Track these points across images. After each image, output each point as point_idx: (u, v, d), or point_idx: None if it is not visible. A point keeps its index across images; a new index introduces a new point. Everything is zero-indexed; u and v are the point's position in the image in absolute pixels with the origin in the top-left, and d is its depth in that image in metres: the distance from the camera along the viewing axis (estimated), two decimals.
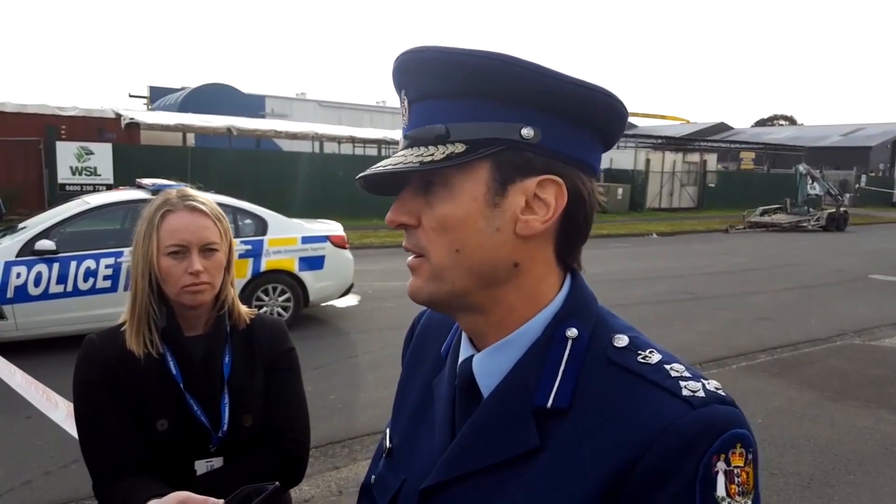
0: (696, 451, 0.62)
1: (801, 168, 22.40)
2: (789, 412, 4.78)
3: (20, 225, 6.44)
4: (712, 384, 0.67)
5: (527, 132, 0.69)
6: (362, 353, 6.29)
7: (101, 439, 1.37)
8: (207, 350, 1.45)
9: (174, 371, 1.41)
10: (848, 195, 28.13)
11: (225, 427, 1.42)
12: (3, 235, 6.18)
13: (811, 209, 21.59)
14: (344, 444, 4.27)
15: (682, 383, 0.66)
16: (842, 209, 21.95)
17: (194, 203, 1.44)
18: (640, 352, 0.70)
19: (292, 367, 1.57)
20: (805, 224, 20.98)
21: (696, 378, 0.67)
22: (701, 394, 0.65)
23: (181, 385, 1.41)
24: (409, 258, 0.76)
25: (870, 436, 4.41)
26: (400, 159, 0.72)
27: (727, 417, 0.64)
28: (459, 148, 0.69)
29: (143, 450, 1.37)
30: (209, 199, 1.49)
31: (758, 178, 32.17)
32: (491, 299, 0.73)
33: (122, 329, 1.44)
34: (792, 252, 15.23)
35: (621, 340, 0.72)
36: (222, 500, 1.14)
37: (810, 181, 21.83)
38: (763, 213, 21.85)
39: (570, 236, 0.75)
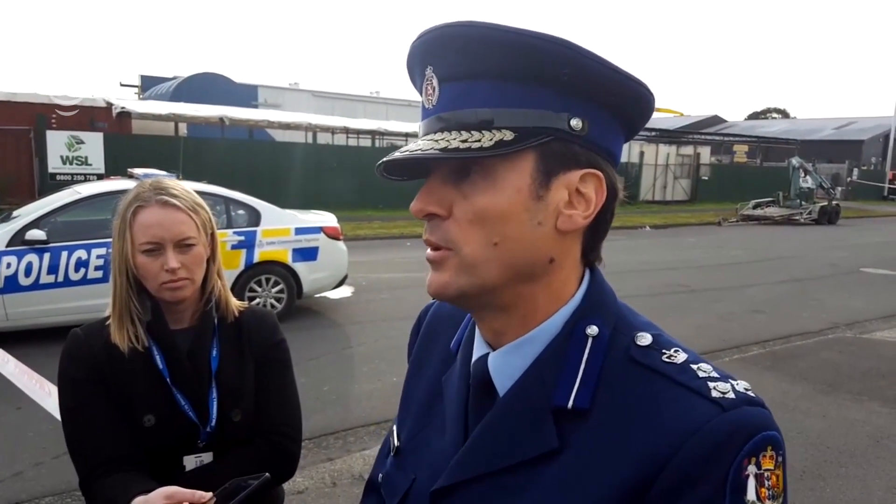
0: (726, 455, 0.60)
1: (794, 161, 22.47)
2: (782, 405, 4.79)
3: (14, 213, 6.39)
4: (741, 385, 0.65)
5: (576, 123, 0.67)
6: (356, 345, 6.27)
7: (88, 436, 1.34)
8: (194, 343, 1.42)
9: (160, 365, 1.38)
10: (840, 189, 28.27)
11: (213, 422, 1.40)
12: None
13: (803, 202, 21.67)
14: (338, 435, 4.26)
15: (711, 384, 0.64)
16: (834, 203, 22.07)
17: (166, 197, 1.38)
18: (664, 350, 0.68)
19: (283, 359, 1.54)
20: (797, 217, 21.05)
21: (724, 378, 0.65)
22: (731, 395, 0.63)
23: (168, 379, 1.38)
24: (429, 252, 0.71)
25: (861, 428, 4.44)
26: (441, 143, 0.66)
27: (758, 419, 0.62)
28: (508, 136, 0.65)
29: (131, 446, 1.34)
30: (185, 190, 1.43)
31: (751, 171, 32.27)
32: (519, 296, 0.70)
33: (108, 323, 1.40)
34: (784, 245, 15.28)
35: (644, 339, 0.69)
36: (210, 494, 1.13)
37: (803, 174, 21.90)
38: (756, 207, 21.91)
39: (598, 232, 0.73)
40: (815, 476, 3.72)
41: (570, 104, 0.66)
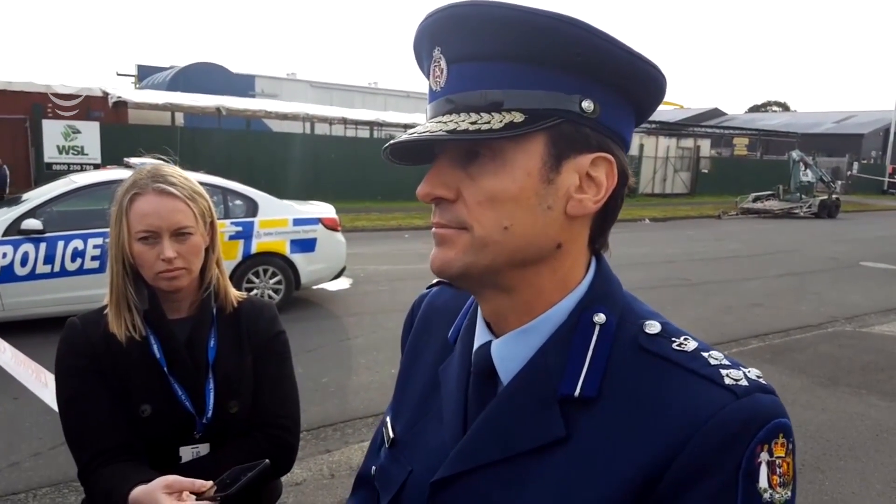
0: (740, 443, 0.59)
1: (794, 155, 22.45)
2: (781, 398, 4.74)
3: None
4: (753, 372, 0.64)
5: (587, 105, 0.65)
6: (354, 337, 6.26)
7: (86, 425, 1.32)
8: (192, 333, 1.40)
9: (158, 355, 1.36)
10: (840, 182, 28.28)
11: (209, 413, 1.38)
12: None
13: (803, 196, 21.66)
14: (336, 427, 4.24)
15: (724, 371, 0.63)
16: (834, 196, 22.06)
17: (163, 185, 1.35)
18: (674, 339, 0.67)
19: (282, 351, 1.51)
20: (797, 211, 21.06)
21: (736, 366, 0.64)
22: (744, 382, 0.62)
23: (165, 369, 1.36)
24: (439, 228, 0.69)
25: (860, 421, 4.43)
26: (449, 125, 0.64)
27: (770, 407, 0.62)
28: (518, 118, 0.63)
29: (129, 435, 1.33)
30: (184, 178, 1.41)
31: (751, 165, 32.26)
32: (523, 279, 0.69)
33: (105, 312, 1.39)
34: (784, 239, 15.28)
35: (653, 327, 0.68)
36: (211, 482, 1.11)
37: (803, 168, 21.88)
38: (755, 200, 21.91)
39: (607, 218, 0.72)
40: (814, 469, 3.71)
41: (581, 86, 0.65)
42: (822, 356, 5.93)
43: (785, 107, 71.77)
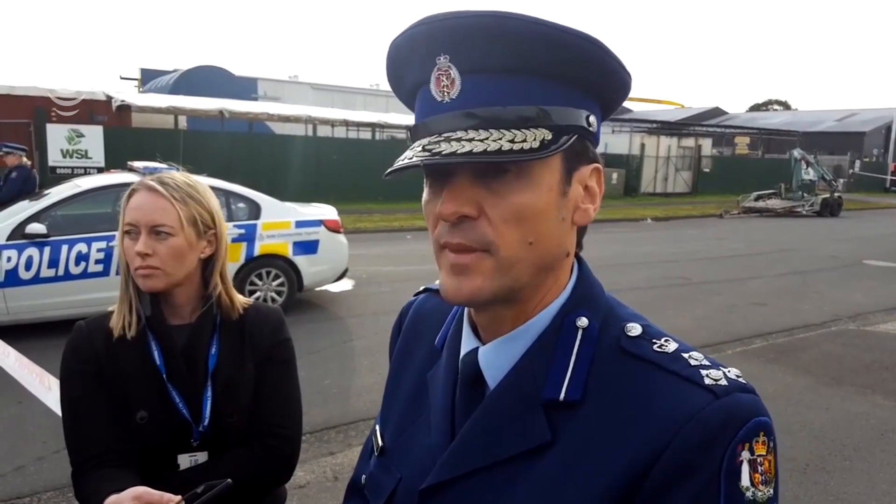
0: (721, 442, 0.60)
1: (796, 153, 22.38)
2: (785, 397, 4.78)
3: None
4: (733, 372, 0.65)
5: (592, 120, 0.68)
6: (357, 338, 6.26)
7: (82, 428, 1.34)
8: (191, 340, 1.40)
9: (158, 361, 1.36)
10: (842, 180, 28.20)
11: (206, 421, 1.37)
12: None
13: (805, 194, 21.59)
14: (339, 429, 4.25)
15: (703, 372, 0.64)
16: (836, 194, 21.98)
17: (155, 184, 1.37)
18: (654, 340, 0.68)
19: (286, 359, 1.50)
20: (799, 209, 21.00)
21: (715, 366, 0.65)
22: (723, 382, 0.63)
23: (164, 376, 1.36)
24: (456, 256, 0.66)
25: (865, 421, 4.42)
26: (492, 144, 0.62)
27: (750, 406, 0.63)
28: (547, 135, 0.64)
29: (123, 441, 1.33)
30: (184, 182, 1.40)
31: (752, 164, 32.18)
32: (535, 289, 0.70)
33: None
34: (786, 237, 15.25)
35: (634, 329, 0.69)
36: (179, 497, 1.12)
37: (805, 166, 21.81)
38: (757, 199, 21.84)
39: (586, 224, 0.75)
40: (819, 469, 3.70)
41: (585, 101, 0.67)
42: (826, 355, 5.91)
43: (786, 105, 71.58)
